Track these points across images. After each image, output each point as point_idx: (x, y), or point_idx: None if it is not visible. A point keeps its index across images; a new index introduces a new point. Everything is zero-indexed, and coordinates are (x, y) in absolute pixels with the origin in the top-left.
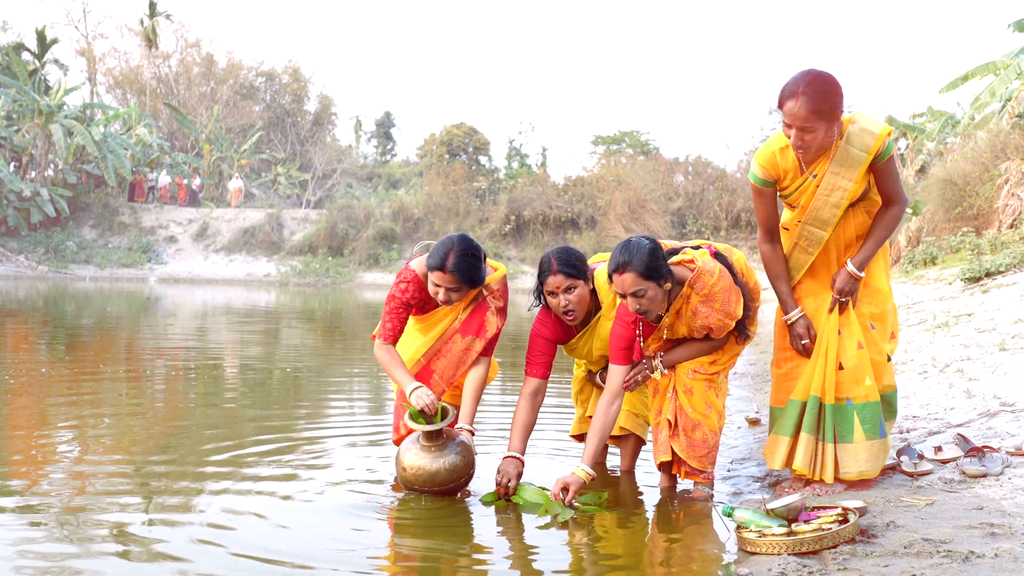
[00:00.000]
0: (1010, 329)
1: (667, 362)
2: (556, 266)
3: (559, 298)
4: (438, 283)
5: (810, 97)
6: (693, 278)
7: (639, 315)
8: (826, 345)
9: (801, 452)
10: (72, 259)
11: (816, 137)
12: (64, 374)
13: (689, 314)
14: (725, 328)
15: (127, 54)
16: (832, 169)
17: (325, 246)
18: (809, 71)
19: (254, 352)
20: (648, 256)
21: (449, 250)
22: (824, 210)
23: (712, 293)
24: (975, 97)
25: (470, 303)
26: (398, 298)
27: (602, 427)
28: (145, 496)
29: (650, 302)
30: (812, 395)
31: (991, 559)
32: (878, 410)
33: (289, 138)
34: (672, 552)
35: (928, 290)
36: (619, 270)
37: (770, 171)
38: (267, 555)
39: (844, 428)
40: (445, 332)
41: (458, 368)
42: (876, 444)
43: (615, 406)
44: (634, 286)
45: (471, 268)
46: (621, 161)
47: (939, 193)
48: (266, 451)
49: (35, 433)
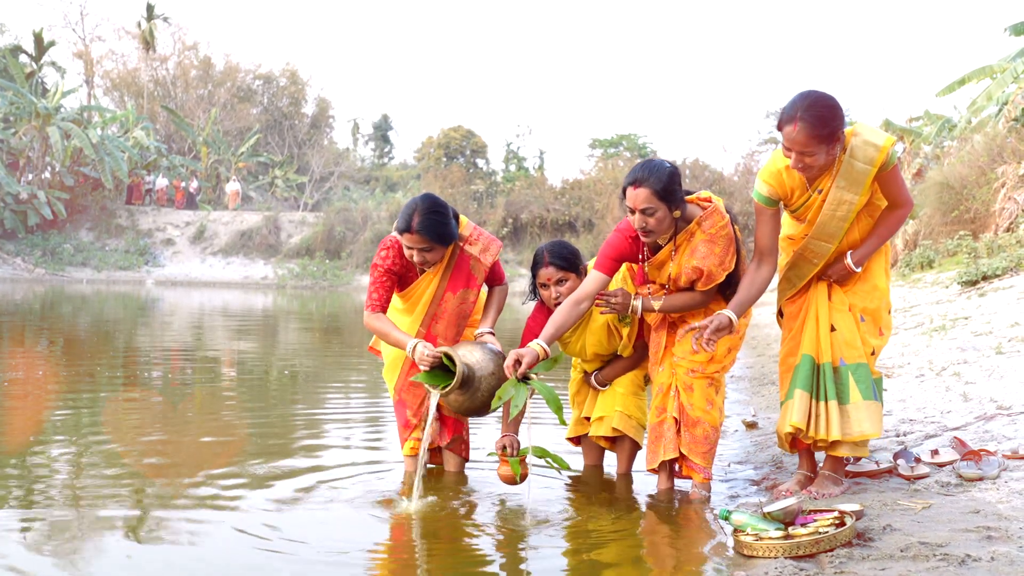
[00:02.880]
0: (1007, 332)
1: (647, 306)
2: (548, 259)
3: (551, 290)
4: (409, 245)
5: (807, 123)
6: (704, 215)
7: (643, 232)
8: (816, 308)
9: (796, 407)
10: (69, 262)
11: (817, 159)
12: (61, 376)
13: (688, 252)
14: (713, 278)
15: (124, 57)
16: (837, 184)
17: (322, 249)
18: (808, 94)
19: (251, 354)
20: (667, 178)
21: (413, 211)
22: (831, 224)
23: (718, 234)
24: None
25: (449, 261)
26: (380, 266)
27: (562, 319)
28: (142, 497)
29: (657, 223)
30: (805, 354)
31: (987, 562)
32: (869, 372)
33: (286, 141)
34: (669, 555)
35: (925, 293)
36: (635, 184)
37: (777, 189)
38: (266, 555)
39: (841, 389)
40: (436, 295)
41: (459, 324)
42: (872, 405)
43: (581, 307)
44: (646, 203)
45: (436, 224)
46: (619, 164)
47: (936, 196)
48: (264, 452)
49: (30, 439)
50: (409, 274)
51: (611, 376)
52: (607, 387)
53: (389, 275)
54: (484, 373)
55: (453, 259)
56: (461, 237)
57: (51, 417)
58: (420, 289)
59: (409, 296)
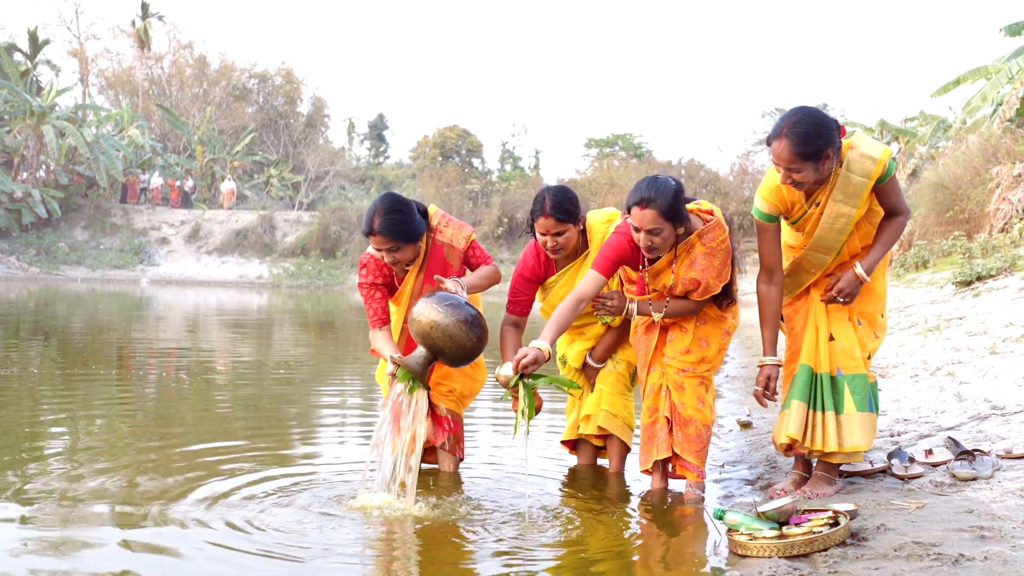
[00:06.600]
0: (1001, 333)
1: (643, 310)
2: (549, 209)
3: (547, 239)
4: (377, 247)
5: (792, 141)
6: (705, 229)
7: (647, 250)
8: (815, 317)
9: (793, 418)
10: (64, 260)
11: (805, 176)
12: (56, 375)
13: (686, 263)
14: (709, 290)
15: (119, 55)
16: (834, 197)
17: (318, 248)
18: (797, 111)
19: (247, 356)
20: (672, 198)
21: (374, 213)
22: (828, 237)
23: (718, 248)
24: (967, 101)
25: (424, 255)
26: (363, 283)
27: (563, 319)
28: (139, 498)
29: (662, 241)
30: (803, 364)
31: (981, 562)
32: (866, 383)
33: (282, 140)
34: (663, 554)
35: (919, 294)
36: (642, 204)
37: (777, 204)
38: (263, 555)
39: (836, 399)
40: (415, 289)
41: None
42: (866, 417)
43: (581, 306)
44: (652, 223)
45: (397, 223)
46: (614, 164)
47: (931, 197)
48: (261, 453)
49: (24, 440)
50: (396, 280)
51: (605, 351)
52: (603, 365)
53: (374, 289)
54: (442, 329)
55: (427, 251)
56: (431, 228)
57: (42, 417)
58: (403, 287)
59: (398, 299)
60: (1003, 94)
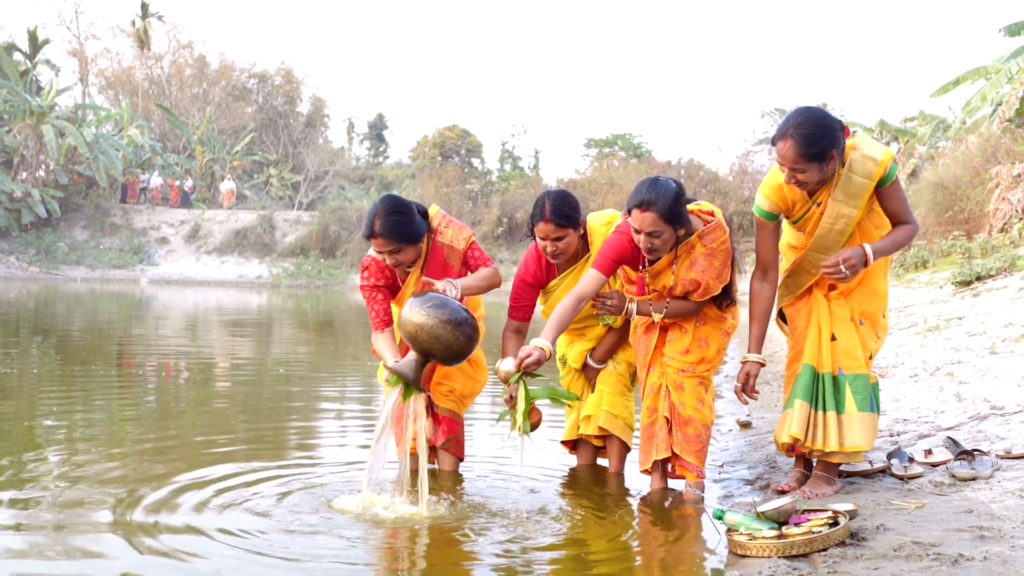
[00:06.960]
0: (1000, 333)
1: (642, 310)
2: (548, 214)
3: (547, 243)
4: (378, 249)
5: (797, 141)
6: (706, 230)
7: (647, 252)
8: (818, 317)
9: (796, 418)
10: (63, 260)
11: (809, 176)
12: (55, 374)
13: (687, 264)
14: (709, 291)
15: (119, 55)
16: (835, 197)
17: (317, 248)
18: (801, 112)
19: (246, 356)
20: (673, 200)
21: (375, 215)
22: (828, 237)
23: (718, 249)
24: (966, 101)
25: (425, 256)
26: (365, 286)
27: (564, 318)
28: (138, 498)
29: (663, 244)
30: (806, 363)
31: (980, 562)
32: (868, 383)
33: (281, 140)
34: (662, 555)
35: (919, 294)
36: (642, 207)
37: (778, 203)
38: (262, 555)
39: (838, 399)
40: (416, 291)
41: None
42: (867, 417)
43: (581, 304)
44: (653, 226)
45: (398, 224)
46: (614, 164)
47: (930, 197)
48: (260, 453)
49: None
50: (398, 282)
51: (605, 352)
52: (603, 365)
53: (376, 291)
54: (427, 331)
55: (428, 252)
56: (431, 229)
57: (40, 417)
58: (405, 289)
59: (400, 300)
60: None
